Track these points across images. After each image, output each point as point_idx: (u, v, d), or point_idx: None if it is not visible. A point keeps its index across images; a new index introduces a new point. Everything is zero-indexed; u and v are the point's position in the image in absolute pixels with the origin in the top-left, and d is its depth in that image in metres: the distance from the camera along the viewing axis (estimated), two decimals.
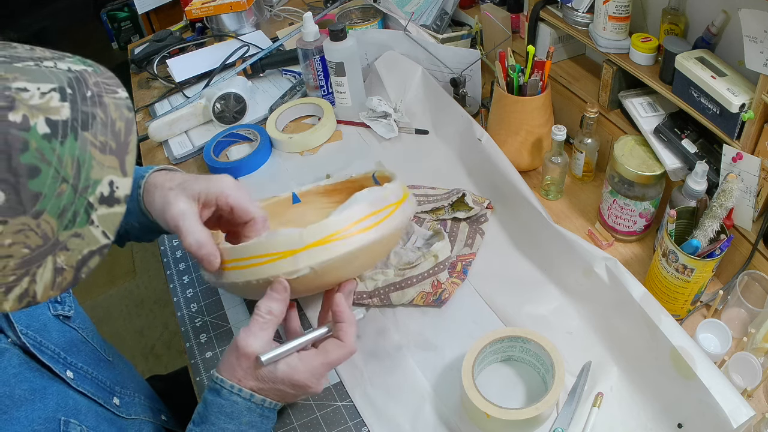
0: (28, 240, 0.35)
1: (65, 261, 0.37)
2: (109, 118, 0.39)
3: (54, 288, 0.37)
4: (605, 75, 0.90)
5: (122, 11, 2.36)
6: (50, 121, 0.36)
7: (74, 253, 0.37)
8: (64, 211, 0.36)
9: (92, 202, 0.37)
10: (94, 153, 0.37)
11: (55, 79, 0.38)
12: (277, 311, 0.61)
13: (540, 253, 0.84)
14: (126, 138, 0.39)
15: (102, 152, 0.37)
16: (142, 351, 2.08)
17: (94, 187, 0.37)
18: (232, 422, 0.60)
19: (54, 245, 0.36)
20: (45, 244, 0.36)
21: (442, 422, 0.70)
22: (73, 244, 0.37)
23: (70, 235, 0.36)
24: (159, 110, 1.31)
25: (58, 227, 0.36)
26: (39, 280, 0.36)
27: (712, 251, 0.69)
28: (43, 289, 0.36)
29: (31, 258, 0.35)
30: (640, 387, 0.69)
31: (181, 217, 0.62)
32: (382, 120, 1.10)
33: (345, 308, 0.63)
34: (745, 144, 0.70)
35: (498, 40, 1.14)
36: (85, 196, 0.37)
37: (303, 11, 1.47)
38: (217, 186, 0.65)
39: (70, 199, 0.36)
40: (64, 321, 0.66)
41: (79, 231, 0.37)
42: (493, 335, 0.70)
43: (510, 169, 0.89)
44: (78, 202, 0.36)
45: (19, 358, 0.57)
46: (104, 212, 0.38)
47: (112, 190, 0.38)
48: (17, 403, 0.54)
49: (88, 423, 0.61)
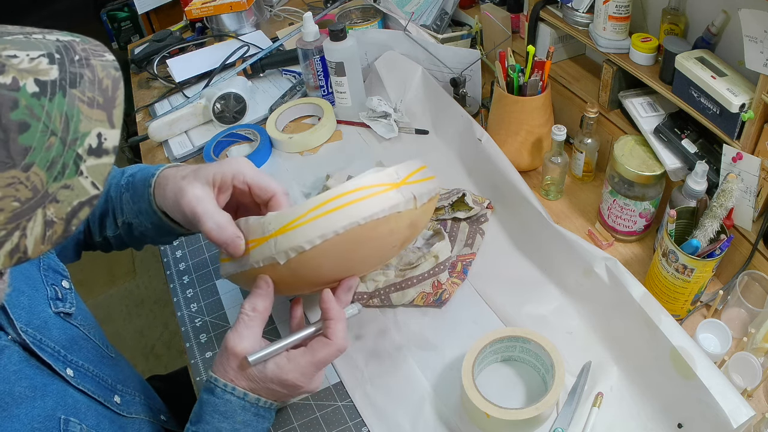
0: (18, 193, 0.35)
1: (55, 213, 0.37)
2: (96, 77, 0.40)
3: (45, 242, 0.37)
4: (605, 75, 0.90)
5: (122, 11, 2.36)
6: (39, 81, 0.37)
7: (64, 205, 0.37)
8: (53, 164, 0.36)
9: (81, 154, 0.38)
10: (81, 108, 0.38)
11: (44, 47, 0.39)
12: (261, 308, 0.61)
13: (540, 253, 0.84)
14: (113, 94, 0.40)
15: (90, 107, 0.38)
16: (142, 351, 2.08)
17: (83, 140, 0.38)
18: (226, 421, 0.60)
19: (44, 197, 0.36)
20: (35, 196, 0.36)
21: (442, 422, 0.70)
22: (63, 196, 0.37)
23: (59, 187, 0.37)
24: (159, 110, 1.31)
25: (47, 179, 0.36)
26: (29, 234, 0.36)
27: (712, 251, 0.69)
28: (34, 244, 0.36)
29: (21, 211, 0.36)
30: (640, 387, 0.69)
31: (197, 201, 0.61)
32: (382, 120, 1.10)
33: (332, 304, 0.62)
34: (745, 144, 0.70)
35: (498, 40, 1.14)
36: (74, 149, 0.37)
37: (303, 11, 1.47)
38: (232, 166, 0.64)
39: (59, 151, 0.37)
40: (65, 318, 0.66)
41: (68, 182, 0.37)
42: (493, 335, 0.70)
43: (510, 169, 0.89)
44: (67, 154, 0.37)
45: (19, 356, 0.57)
46: (93, 163, 0.38)
47: (101, 142, 0.38)
48: (17, 400, 0.54)
49: (88, 421, 0.60)
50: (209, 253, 0.94)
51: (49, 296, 0.65)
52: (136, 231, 0.74)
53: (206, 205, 0.61)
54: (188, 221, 0.63)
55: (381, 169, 0.62)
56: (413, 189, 0.62)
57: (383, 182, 0.60)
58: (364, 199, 0.59)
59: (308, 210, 0.58)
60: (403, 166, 0.64)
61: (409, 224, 0.63)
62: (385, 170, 0.61)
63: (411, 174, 0.63)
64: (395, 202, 0.60)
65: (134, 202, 0.71)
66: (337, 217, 0.58)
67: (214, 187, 0.63)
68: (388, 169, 0.62)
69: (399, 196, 0.60)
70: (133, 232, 0.74)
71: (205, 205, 0.61)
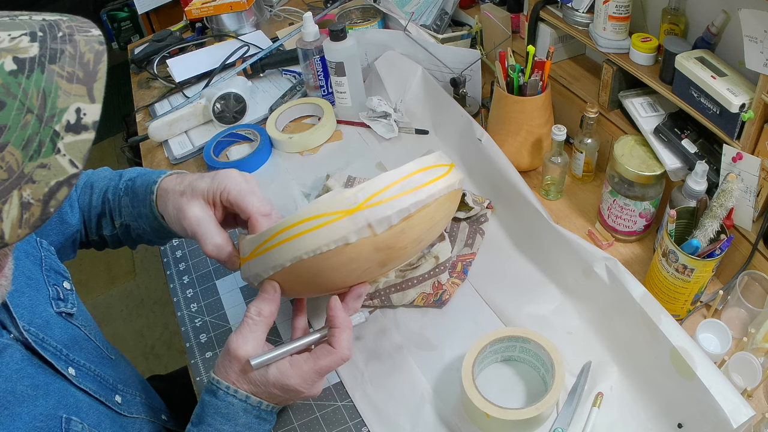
0: None
1: (32, 194, 0.35)
2: (78, 52, 0.38)
3: (22, 225, 0.35)
4: (605, 75, 0.90)
5: (122, 11, 2.36)
6: (18, 60, 0.36)
7: (41, 185, 0.35)
8: (29, 142, 0.35)
9: (58, 131, 0.36)
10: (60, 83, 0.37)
11: (28, 27, 0.38)
12: (267, 312, 0.61)
13: (540, 253, 0.84)
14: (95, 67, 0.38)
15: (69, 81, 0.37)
16: (142, 351, 2.08)
17: (60, 116, 0.36)
18: (228, 423, 0.60)
19: (19, 178, 0.35)
20: (10, 177, 0.35)
21: (442, 422, 0.70)
22: (39, 176, 0.35)
23: (35, 167, 0.35)
24: (159, 110, 1.31)
25: (23, 158, 0.35)
26: (5, 218, 0.35)
27: (712, 251, 0.69)
28: (11, 228, 0.35)
29: None
30: (640, 387, 0.69)
31: (197, 224, 0.62)
32: (382, 120, 1.10)
33: (338, 312, 0.61)
34: (745, 144, 0.70)
35: (498, 40, 1.14)
36: (50, 125, 0.36)
37: (303, 11, 1.47)
38: (219, 182, 0.64)
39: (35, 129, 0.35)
40: (66, 318, 0.66)
41: (44, 161, 0.36)
42: (493, 335, 0.70)
43: (510, 169, 0.89)
44: (43, 131, 0.36)
45: (21, 354, 0.57)
46: (71, 140, 0.36)
47: (79, 117, 0.37)
48: (19, 399, 0.54)
49: (89, 421, 0.61)
50: None
51: (50, 296, 0.65)
52: (133, 233, 0.75)
53: (206, 227, 0.62)
54: (187, 236, 0.65)
55: (340, 191, 0.61)
56: (369, 215, 0.56)
57: (334, 210, 0.56)
58: (311, 230, 0.56)
59: (264, 240, 0.59)
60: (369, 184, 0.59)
61: (374, 249, 0.58)
62: (343, 192, 0.57)
63: (377, 193, 0.57)
64: (342, 234, 0.56)
65: (134, 207, 0.72)
66: (284, 251, 0.57)
67: (210, 204, 0.64)
68: (347, 191, 0.57)
69: (349, 226, 0.55)
70: (130, 234, 0.75)
71: (205, 227, 0.62)
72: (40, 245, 0.69)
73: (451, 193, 0.62)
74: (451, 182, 0.61)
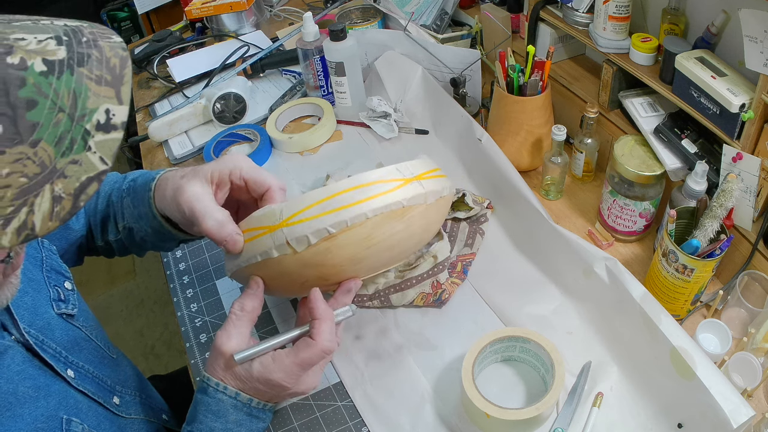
0: (26, 169, 0.35)
1: (63, 189, 0.37)
2: (104, 57, 0.40)
3: (53, 218, 0.37)
4: (605, 75, 0.90)
5: (122, 11, 2.36)
6: (47, 61, 0.37)
7: (72, 180, 0.37)
8: (61, 139, 0.36)
9: (89, 129, 0.38)
10: (89, 85, 0.38)
11: (52, 31, 0.39)
12: (250, 307, 0.60)
13: (540, 253, 0.84)
14: (121, 72, 0.40)
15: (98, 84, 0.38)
16: (142, 351, 2.08)
17: (91, 116, 0.38)
18: (218, 420, 0.60)
19: (51, 173, 0.36)
20: (42, 171, 0.36)
21: (442, 422, 0.70)
22: (71, 171, 0.37)
23: (67, 162, 0.37)
24: (159, 110, 1.31)
25: (55, 154, 0.36)
26: (37, 210, 0.36)
27: (712, 251, 0.69)
28: (42, 220, 0.36)
29: (29, 187, 0.35)
30: (640, 387, 0.69)
31: (195, 199, 0.60)
32: (382, 120, 1.10)
33: (318, 303, 0.60)
34: (745, 144, 0.70)
35: (498, 40, 1.14)
36: (81, 124, 0.37)
37: (303, 11, 1.47)
38: (229, 162, 0.64)
39: (67, 127, 0.37)
40: (67, 319, 0.66)
41: (76, 158, 0.37)
42: (493, 335, 0.70)
43: (510, 169, 0.89)
44: (75, 129, 0.37)
45: (23, 356, 0.57)
46: (101, 138, 0.38)
47: (109, 118, 0.38)
48: (20, 400, 0.54)
49: (89, 422, 0.61)
50: (209, 253, 0.94)
51: (51, 297, 0.65)
52: (136, 236, 0.74)
53: (205, 203, 0.60)
54: (187, 220, 0.63)
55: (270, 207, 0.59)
56: (288, 233, 0.57)
57: (262, 225, 0.58)
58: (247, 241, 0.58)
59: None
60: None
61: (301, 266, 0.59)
62: (272, 208, 0.58)
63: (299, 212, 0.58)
64: (265, 249, 0.57)
65: (135, 207, 0.71)
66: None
67: (212, 184, 0.63)
68: (275, 207, 0.59)
69: (270, 242, 0.57)
70: (134, 237, 0.74)
71: (203, 203, 0.60)
72: (42, 245, 0.69)
73: (397, 211, 0.58)
74: (395, 200, 0.58)
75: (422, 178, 0.61)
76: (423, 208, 0.60)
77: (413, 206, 0.59)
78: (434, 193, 0.61)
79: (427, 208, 0.61)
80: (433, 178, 0.62)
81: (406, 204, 0.58)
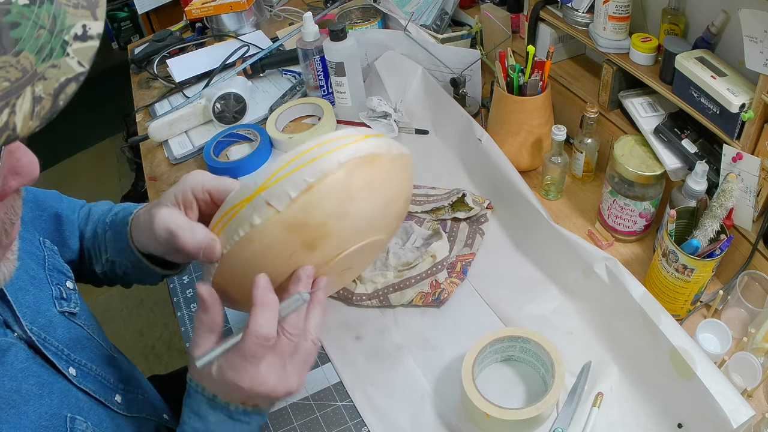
0: (8, 74, 0.38)
1: (43, 89, 0.40)
2: None
3: (33, 117, 0.39)
4: (605, 75, 0.90)
5: (122, 11, 2.36)
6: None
7: (51, 82, 0.40)
8: (41, 48, 0.40)
9: (67, 40, 0.41)
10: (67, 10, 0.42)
11: None
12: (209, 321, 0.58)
13: (540, 253, 0.84)
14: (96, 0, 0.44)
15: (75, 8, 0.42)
16: (142, 351, 2.08)
17: (69, 30, 0.41)
18: (200, 421, 0.60)
19: (32, 76, 0.39)
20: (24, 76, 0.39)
21: (442, 422, 0.70)
22: (51, 74, 0.40)
23: (47, 67, 0.40)
24: (159, 110, 1.31)
25: (36, 61, 0.39)
26: (18, 111, 0.38)
27: (712, 251, 0.69)
28: (23, 119, 0.39)
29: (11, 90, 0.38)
30: (640, 387, 0.69)
31: (167, 218, 0.61)
32: (382, 120, 1.10)
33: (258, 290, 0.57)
34: (745, 144, 0.70)
35: (498, 40, 1.14)
36: (60, 36, 0.41)
37: (303, 11, 1.47)
38: (190, 180, 0.64)
39: (47, 39, 0.40)
40: (69, 318, 0.66)
41: (55, 62, 0.40)
42: (493, 335, 0.70)
43: (510, 169, 0.89)
44: (54, 40, 0.40)
45: (26, 354, 0.57)
46: (79, 46, 0.41)
47: (85, 31, 0.42)
48: (25, 398, 0.54)
49: (92, 420, 0.61)
50: None
51: (53, 296, 0.65)
52: (118, 269, 0.75)
53: (178, 220, 0.61)
54: (166, 247, 0.63)
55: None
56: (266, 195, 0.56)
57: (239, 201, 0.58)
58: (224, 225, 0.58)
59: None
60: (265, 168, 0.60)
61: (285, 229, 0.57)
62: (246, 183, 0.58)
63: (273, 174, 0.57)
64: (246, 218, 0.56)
65: (115, 241, 0.73)
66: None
67: (179, 205, 0.64)
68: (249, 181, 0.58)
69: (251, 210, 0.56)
70: (116, 271, 0.75)
71: (177, 221, 0.61)
72: (43, 244, 0.69)
73: (367, 156, 0.58)
74: (361, 148, 0.58)
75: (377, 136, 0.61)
76: (389, 158, 0.60)
77: (380, 154, 0.59)
78: (394, 146, 0.61)
79: (393, 160, 0.61)
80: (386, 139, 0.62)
81: (374, 150, 0.58)
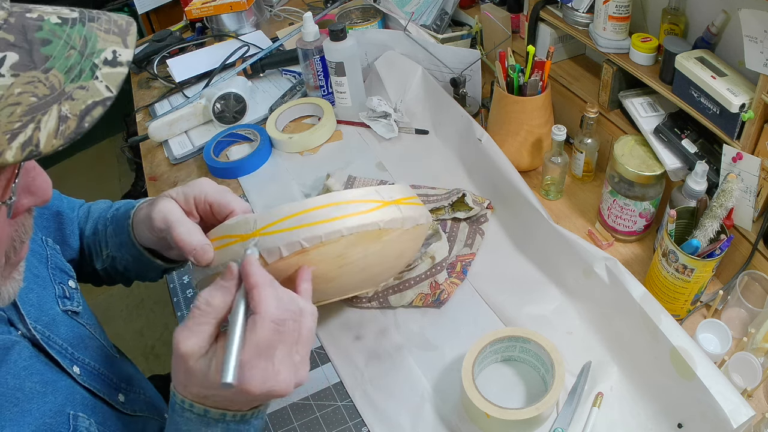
0: (37, 90, 0.39)
1: (70, 109, 0.40)
2: (112, 18, 0.45)
3: (58, 135, 0.39)
4: (605, 75, 0.90)
5: (122, 11, 2.36)
6: (61, 17, 0.42)
7: (78, 103, 0.40)
8: (71, 69, 0.40)
9: (97, 63, 0.42)
10: (99, 34, 0.43)
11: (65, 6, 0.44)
12: (218, 302, 0.52)
13: (540, 253, 0.84)
14: (127, 27, 0.45)
15: (106, 33, 0.43)
16: (142, 351, 2.08)
17: (99, 54, 0.42)
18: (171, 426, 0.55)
19: (60, 95, 0.40)
20: (52, 93, 0.39)
21: (442, 422, 0.70)
22: (78, 95, 0.41)
23: (75, 87, 0.40)
24: (159, 110, 1.31)
25: (65, 80, 0.40)
26: (43, 128, 0.39)
27: (712, 251, 0.69)
28: (47, 137, 0.39)
29: (38, 105, 0.39)
30: (640, 387, 0.69)
31: (168, 211, 0.62)
32: (382, 120, 1.10)
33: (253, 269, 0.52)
34: (745, 144, 0.70)
35: (498, 40, 1.14)
36: (90, 59, 0.42)
37: (303, 11, 1.47)
38: (195, 187, 0.64)
39: (77, 60, 0.41)
40: (72, 316, 0.66)
41: (84, 84, 0.41)
42: (493, 335, 0.70)
43: (510, 169, 0.89)
44: (84, 62, 0.41)
45: (30, 351, 0.57)
46: (108, 71, 0.42)
47: (115, 56, 0.43)
48: (28, 396, 0.54)
49: (95, 418, 0.61)
50: None
51: (57, 294, 0.65)
52: (119, 265, 0.75)
53: (178, 215, 0.61)
54: (162, 239, 0.63)
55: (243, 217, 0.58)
56: (260, 243, 0.54)
57: (235, 233, 0.55)
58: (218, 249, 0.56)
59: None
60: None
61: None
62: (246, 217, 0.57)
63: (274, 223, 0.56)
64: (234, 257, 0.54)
65: (116, 235, 0.73)
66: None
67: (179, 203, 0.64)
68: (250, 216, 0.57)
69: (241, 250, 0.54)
70: (116, 266, 0.75)
71: (176, 215, 0.61)
72: (46, 243, 0.69)
73: (373, 232, 0.56)
74: (372, 221, 0.56)
75: (401, 203, 0.60)
76: (399, 233, 0.59)
77: (390, 229, 0.58)
78: (411, 219, 0.60)
79: (403, 234, 0.60)
80: (412, 205, 0.61)
81: (383, 226, 0.57)
